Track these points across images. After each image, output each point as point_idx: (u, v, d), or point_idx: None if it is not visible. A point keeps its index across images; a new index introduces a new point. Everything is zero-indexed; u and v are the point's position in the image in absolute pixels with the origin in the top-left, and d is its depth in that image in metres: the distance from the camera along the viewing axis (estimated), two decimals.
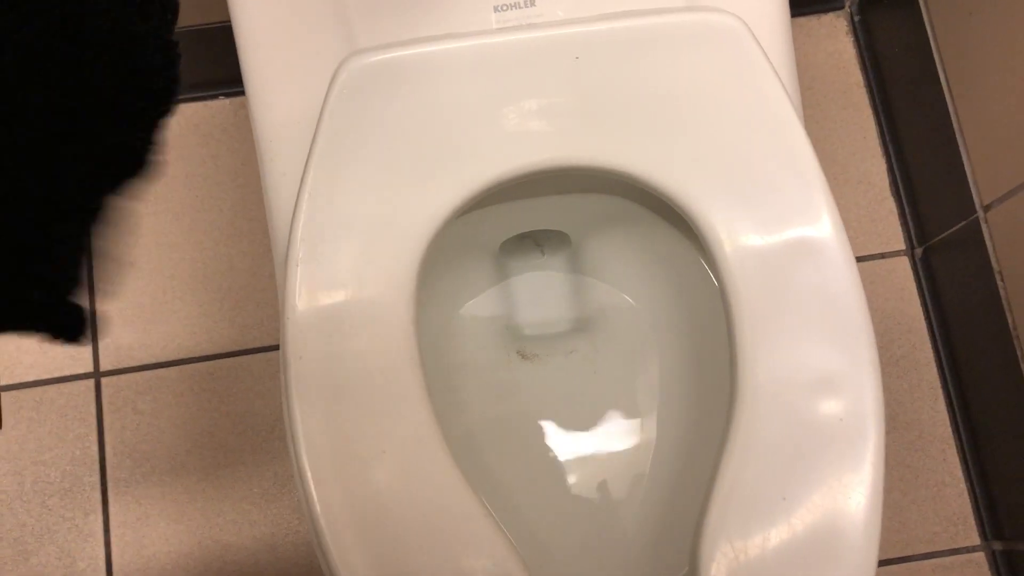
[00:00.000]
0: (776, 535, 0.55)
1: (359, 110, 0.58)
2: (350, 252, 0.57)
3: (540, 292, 0.82)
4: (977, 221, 0.88)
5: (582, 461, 0.72)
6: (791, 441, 0.56)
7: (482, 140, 0.59)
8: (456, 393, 0.75)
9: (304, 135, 0.61)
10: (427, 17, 0.65)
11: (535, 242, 0.83)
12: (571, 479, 0.72)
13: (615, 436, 0.72)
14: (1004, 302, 0.86)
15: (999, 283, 0.86)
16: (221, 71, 1.02)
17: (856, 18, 1.06)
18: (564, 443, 0.74)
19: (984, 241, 0.87)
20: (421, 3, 0.65)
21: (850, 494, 0.55)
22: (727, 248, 0.57)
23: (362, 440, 0.55)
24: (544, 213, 0.78)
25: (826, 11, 1.07)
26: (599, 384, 0.75)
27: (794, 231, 0.56)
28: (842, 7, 1.07)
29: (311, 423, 0.55)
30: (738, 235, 0.57)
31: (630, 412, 0.73)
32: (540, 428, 0.74)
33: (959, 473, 0.96)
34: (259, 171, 0.66)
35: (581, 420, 0.75)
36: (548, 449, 0.73)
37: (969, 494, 0.95)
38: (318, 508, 0.53)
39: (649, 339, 0.74)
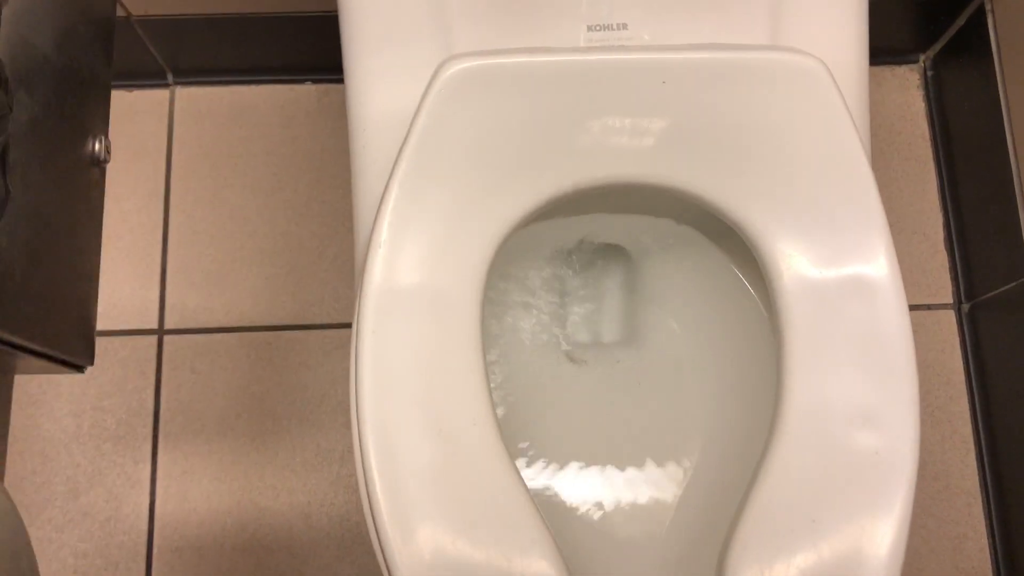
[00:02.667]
0: (802, 557, 0.57)
1: (454, 110, 0.62)
2: (429, 241, 0.61)
3: (594, 302, 0.85)
4: None
5: (619, 466, 0.75)
6: (826, 468, 0.58)
7: (564, 150, 0.62)
8: (505, 387, 0.78)
9: (397, 128, 0.65)
10: (523, 30, 0.69)
11: (595, 254, 0.87)
12: (607, 484, 0.75)
13: (653, 446, 0.75)
14: None
15: None
16: (310, 58, 1.07)
17: (929, 73, 1.08)
18: (602, 446, 0.77)
19: None
20: (519, 17, 0.69)
21: (878, 525, 0.57)
22: (785, 278, 0.60)
23: (422, 417, 0.58)
24: (608, 229, 0.82)
25: (900, 63, 1.09)
26: (642, 395, 0.78)
27: (851, 268, 0.59)
28: (916, 61, 1.09)
29: (376, 394, 0.58)
30: (797, 267, 0.60)
31: (669, 426, 0.76)
32: (581, 428, 0.77)
33: (982, 528, 0.97)
34: (350, 157, 0.70)
35: (621, 425, 0.78)
36: (587, 451, 0.76)
37: (990, 551, 0.97)
38: (375, 473, 0.57)
39: (693, 360, 0.77)
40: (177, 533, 0.97)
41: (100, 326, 1.03)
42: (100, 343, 1.02)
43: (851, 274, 0.58)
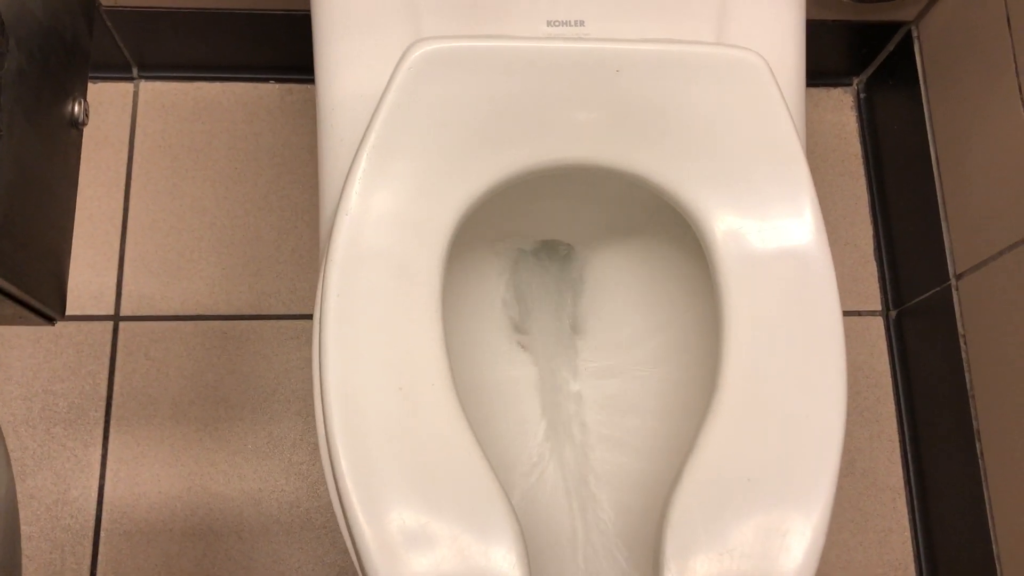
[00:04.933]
0: (738, 512, 0.61)
1: (421, 88, 0.65)
2: (395, 211, 0.64)
3: (545, 293, 0.89)
4: (949, 288, 0.96)
5: (568, 433, 0.78)
6: (761, 432, 0.62)
7: (523, 131, 0.66)
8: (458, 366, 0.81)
9: (364, 108, 0.69)
10: (487, 23, 0.73)
11: (548, 251, 0.91)
12: (556, 452, 0.78)
13: (601, 423, 0.79)
14: (965, 364, 0.93)
15: (962, 346, 0.94)
16: (275, 57, 1.10)
17: (862, 95, 1.15)
18: (551, 428, 0.80)
19: (953, 307, 0.95)
20: (483, 11, 0.73)
21: (808, 486, 0.61)
22: (723, 251, 0.64)
23: (384, 375, 0.61)
24: (560, 223, 0.86)
25: (835, 86, 1.16)
26: (588, 374, 0.81)
27: (785, 243, 0.64)
28: (850, 84, 1.16)
29: (340, 353, 0.61)
30: (734, 240, 0.64)
31: (617, 403, 0.79)
32: (530, 409, 0.80)
33: (905, 523, 1.03)
34: (317, 136, 0.74)
35: (568, 408, 0.81)
36: (533, 428, 0.79)
37: (912, 543, 1.02)
38: (338, 426, 0.59)
39: (634, 339, 0.82)
40: (126, 517, 0.98)
41: None
42: (55, 328, 1.03)
43: (783, 247, 0.63)
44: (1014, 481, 0.87)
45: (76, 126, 0.62)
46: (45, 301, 0.58)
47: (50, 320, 0.61)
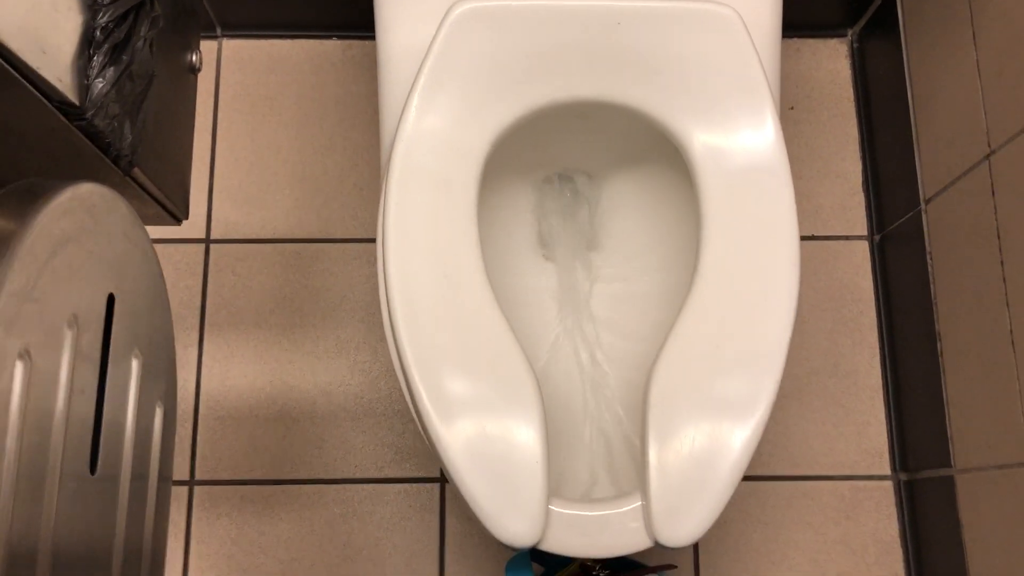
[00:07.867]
0: (707, 368, 0.77)
1: (462, 39, 0.82)
2: (441, 135, 0.81)
3: (566, 214, 1.06)
4: (920, 212, 1.11)
5: (581, 330, 0.96)
6: (729, 308, 0.79)
7: (542, 72, 0.83)
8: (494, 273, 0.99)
9: (416, 56, 0.86)
10: None
11: (568, 178, 1.07)
12: (568, 344, 0.96)
13: (610, 316, 0.96)
14: (930, 277, 1.08)
15: (928, 262, 1.09)
16: (336, 16, 1.27)
17: (855, 45, 1.29)
18: (567, 319, 0.97)
19: (923, 228, 1.10)
20: None
21: (766, 348, 0.77)
22: (701, 168, 0.80)
23: (432, 266, 0.79)
24: (578, 155, 1.02)
25: (831, 36, 1.30)
26: (600, 279, 0.98)
27: (751, 156, 0.79)
28: (845, 35, 1.30)
29: (397, 248, 0.78)
30: (712, 158, 0.80)
31: (624, 300, 0.96)
32: (551, 305, 0.98)
33: (882, 417, 1.18)
34: (378, 82, 0.91)
35: (585, 308, 0.98)
36: (553, 318, 0.97)
37: (888, 434, 1.18)
38: (397, 303, 0.77)
39: (645, 249, 0.98)
40: (219, 405, 1.18)
41: (156, 235, 1.23)
42: (157, 249, 1.22)
43: (750, 159, 0.79)
44: (964, 375, 1.02)
45: (194, 71, 0.80)
46: (176, 204, 0.77)
47: (177, 220, 0.79)
